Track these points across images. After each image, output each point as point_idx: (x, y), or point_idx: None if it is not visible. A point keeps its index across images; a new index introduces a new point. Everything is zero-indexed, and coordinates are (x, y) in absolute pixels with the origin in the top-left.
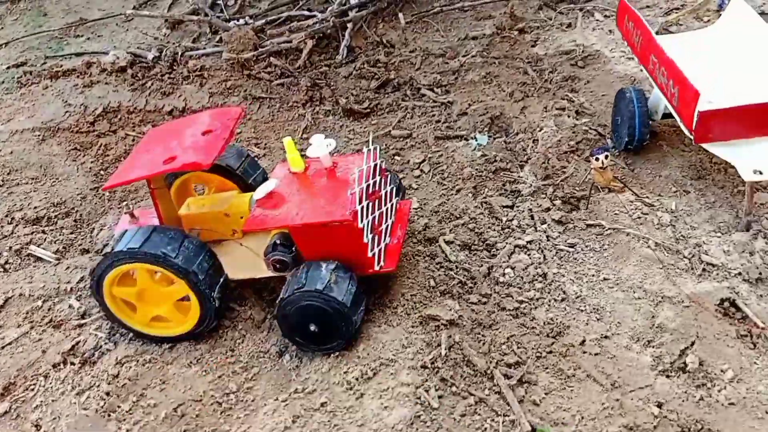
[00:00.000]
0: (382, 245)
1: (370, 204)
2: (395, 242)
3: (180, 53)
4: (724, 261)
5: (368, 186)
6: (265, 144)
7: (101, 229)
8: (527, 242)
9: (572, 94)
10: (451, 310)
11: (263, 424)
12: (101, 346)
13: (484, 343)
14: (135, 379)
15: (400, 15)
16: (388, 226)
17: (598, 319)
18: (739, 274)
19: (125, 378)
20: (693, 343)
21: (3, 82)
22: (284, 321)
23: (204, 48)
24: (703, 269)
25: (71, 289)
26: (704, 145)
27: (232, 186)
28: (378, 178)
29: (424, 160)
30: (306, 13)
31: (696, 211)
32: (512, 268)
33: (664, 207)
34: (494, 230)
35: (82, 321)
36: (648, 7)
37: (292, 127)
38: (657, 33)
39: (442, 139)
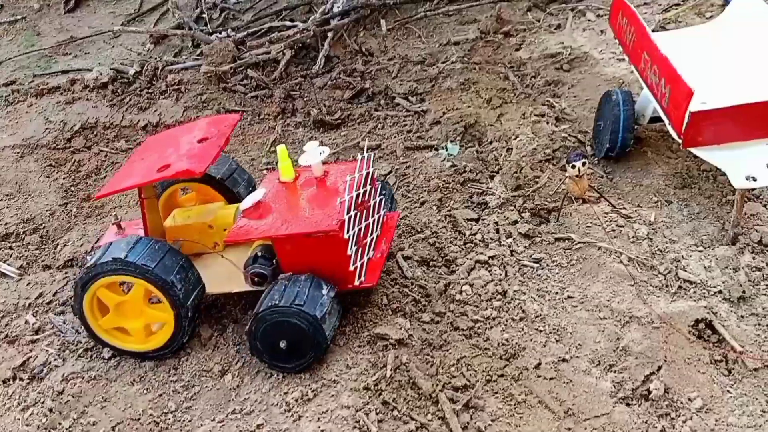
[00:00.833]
0: (365, 259)
1: (358, 214)
2: (378, 256)
3: (160, 68)
4: (703, 278)
5: (357, 195)
6: (233, 158)
7: (65, 245)
8: (489, 258)
9: (554, 99)
10: (401, 329)
11: None
12: (50, 362)
13: (432, 365)
14: (78, 396)
15: (383, 22)
16: (373, 238)
17: (557, 341)
18: (720, 292)
19: (69, 395)
20: (659, 368)
21: None
22: (256, 336)
23: (184, 62)
24: (679, 287)
25: (29, 305)
26: (693, 150)
27: (218, 197)
28: (368, 187)
29: (390, 172)
30: (288, 23)
31: (677, 223)
32: (470, 285)
33: (642, 219)
34: (456, 245)
35: (36, 337)
36: (646, 4)
37: (261, 140)
38: (653, 31)
39: (411, 149)
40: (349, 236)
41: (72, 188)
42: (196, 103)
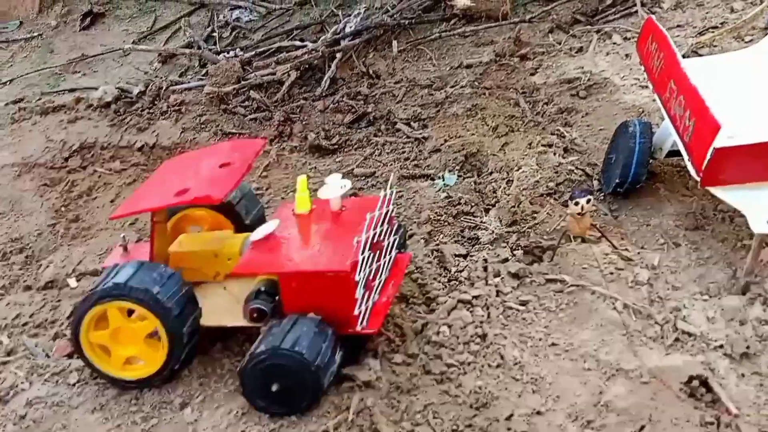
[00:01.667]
0: (370, 303)
1: (371, 255)
2: (384, 300)
3: (164, 88)
4: (705, 330)
5: (374, 235)
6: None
7: (47, 266)
8: (473, 297)
9: (565, 128)
10: (370, 370)
11: None
12: (18, 385)
13: (397, 410)
14: (39, 422)
15: (394, 43)
16: (381, 281)
17: (534, 391)
18: (721, 346)
19: (31, 419)
20: (642, 428)
21: None
22: (250, 377)
23: (189, 82)
24: (676, 339)
25: (5, 325)
26: (712, 189)
27: (227, 224)
28: (385, 226)
29: None
30: (297, 43)
31: (683, 268)
32: (449, 326)
33: (644, 262)
34: (439, 282)
35: (7, 358)
36: (679, 26)
37: (254, 165)
38: (684, 56)
39: (407, 178)
40: (360, 279)
41: (62, 208)
42: (195, 124)
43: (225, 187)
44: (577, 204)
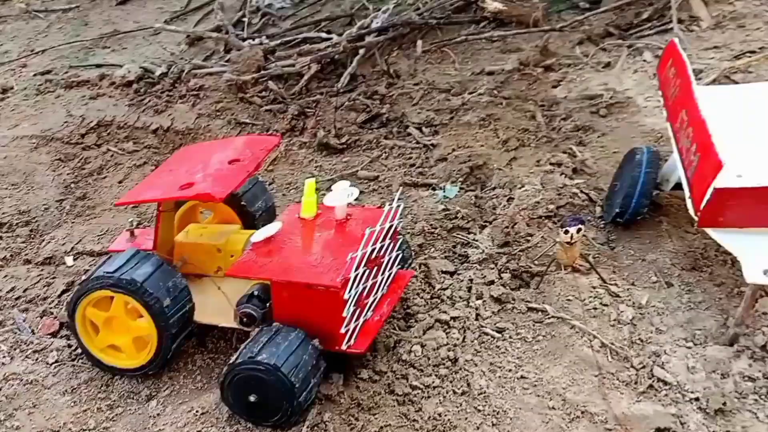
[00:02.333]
0: (360, 321)
1: (367, 272)
2: (376, 319)
3: (186, 71)
4: (682, 379)
5: (373, 250)
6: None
7: (49, 242)
8: (451, 318)
9: (578, 147)
10: (333, 384)
11: None
12: None
13: (353, 428)
14: (11, 398)
15: (419, 43)
16: (376, 298)
17: (494, 424)
18: (697, 399)
19: (3, 395)
20: None
21: (26, 88)
22: (228, 387)
23: (211, 66)
24: (650, 386)
25: None
26: (709, 231)
27: (236, 218)
28: (387, 242)
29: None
30: (323, 35)
31: (672, 310)
32: (422, 346)
33: (632, 300)
34: (422, 298)
35: None
36: (716, 47)
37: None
38: (714, 81)
39: (409, 186)
40: (350, 296)
41: (72, 185)
42: (210, 111)
43: (228, 185)
44: (566, 232)
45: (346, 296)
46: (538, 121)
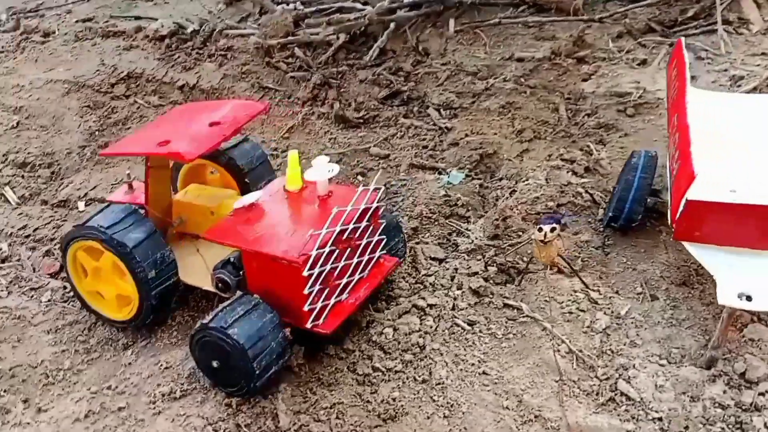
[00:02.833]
0: (331, 302)
1: (337, 252)
2: (351, 302)
3: (217, 30)
4: (647, 397)
5: (344, 231)
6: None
7: (66, 186)
8: (428, 305)
9: (597, 145)
10: (294, 356)
11: (62, 408)
12: None
13: (306, 401)
14: None
15: (451, 22)
16: (352, 280)
17: (445, 416)
18: (660, 419)
19: None
20: None
21: (67, 33)
22: (194, 350)
23: (244, 28)
24: (611, 398)
25: (10, 233)
26: (686, 245)
27: (232, 183)
28: (365, 224)
29: (384, 186)
30: (359, 5)
31: (651, 324)
32: (394, 330)
33: (611, 308)
34: (405, 282)
35: (0, 265)
36: (764, 54)
37: (279, 124)
38: (755, 89)
39: (416, 167)
40: (312, 274)
41: (96, 132)
42: (236, 72)
43: (200, 147)
44: (540, 230)
45: (305, 273)
46: (561, 114)
